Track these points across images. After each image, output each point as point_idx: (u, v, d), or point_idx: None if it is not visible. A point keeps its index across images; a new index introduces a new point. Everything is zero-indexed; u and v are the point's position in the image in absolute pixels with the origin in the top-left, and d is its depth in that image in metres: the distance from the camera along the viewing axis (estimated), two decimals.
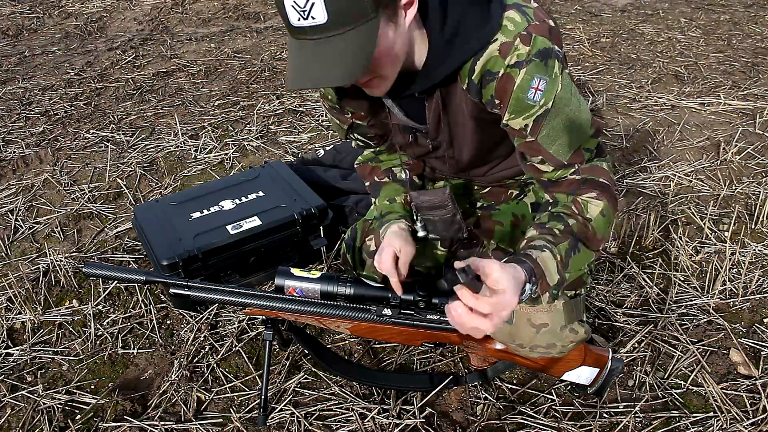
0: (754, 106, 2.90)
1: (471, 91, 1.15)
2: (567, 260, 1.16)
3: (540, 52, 1.08)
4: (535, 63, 1.07)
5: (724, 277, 1.84)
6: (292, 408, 1.50)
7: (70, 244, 2.18)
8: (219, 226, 1.86)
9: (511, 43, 1.08)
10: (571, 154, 1.17)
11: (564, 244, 1.16)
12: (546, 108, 1.11)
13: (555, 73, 1.09)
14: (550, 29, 1.10)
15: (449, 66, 1.12)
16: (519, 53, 1.08)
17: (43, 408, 1.54)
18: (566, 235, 1.17)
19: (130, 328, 1.80)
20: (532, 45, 1.08)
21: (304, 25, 0.99)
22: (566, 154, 1.17)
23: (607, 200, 1.19)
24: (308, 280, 1.31)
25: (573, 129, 1.14)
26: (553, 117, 1.12)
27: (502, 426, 1.46)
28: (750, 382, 1.54)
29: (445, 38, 1.10)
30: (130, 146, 2.80)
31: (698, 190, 2.32)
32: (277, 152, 2.71)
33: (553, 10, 4.41)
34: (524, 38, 1.08)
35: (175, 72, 3.62)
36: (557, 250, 1.14)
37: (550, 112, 1.11)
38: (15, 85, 3.50)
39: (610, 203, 1.20)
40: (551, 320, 1.27)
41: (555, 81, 1.09)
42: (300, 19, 0.98)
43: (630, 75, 3.32)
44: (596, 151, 1.21)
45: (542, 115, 1.11)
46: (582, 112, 1.15)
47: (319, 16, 0.97)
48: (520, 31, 1.08)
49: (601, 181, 1.19)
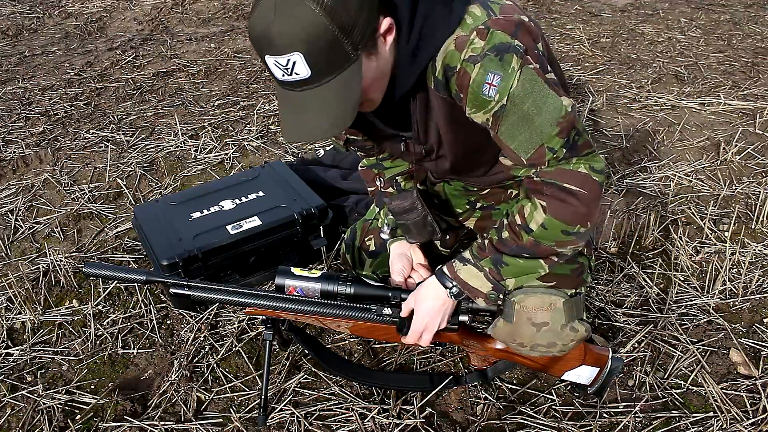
0: (754, 106, 2.90)
1: (439, 89, 1.13)
2: (498, 269, 1.21)
3: (496, 47, 1.05)
4: (490, 58, 1.04)
5: (724, 277, 1.84)
6: (292, 408, 1.49)
7: (70, 244, 2.18)
8: (219, 226, 1.86)
9: (467, 36, 1.06)
10: (533, 153, 1.12)
11: (487, 260, 1.22)
12: (501, 104, 1.07)
13: (512, 69, 1.05)
14: (517, 24, 1.07)
15: (418, 65, 1.11)
16: (474, 47, 1.06)
17: (43, 408, 1.54)
18: (491, 249, 1.22)
19: (130, 328, 1.80)
20: (488, 39, 1.05)
21: (290, 80, 1.02)
22: (527, 152, 1.12)
23: (560, 212, 1.13)
24: (308, 279, 1.31)
25: (533, 126, 1.09)
26: (511, 113, 1.08)
27: (502, 426, 1.46)
28: (750, 382, 1.54)
29: (413, 42, 1.09)
30: (130, 146, 2.80)
31: (698, 190, 2.32)
32: (277, 152, 2.71)
33: (553, 10, 4.41)
34: (481, 32, 1.06)
35: (175, 72, 3.62)
36: (482, 264, 1.23)
37: (506, 108, 1.08)
38: (15, 85, 3.50)
39: (564, 215, 1.13)
40: (551, 319, 1.27)
41: (510, 77, 1.05)
42: (284, 75, 1.01)
43: (630, 75, 3.32)
44: (566, 152, 1.11)
45: (498, 111, 1.09)
46: (545, 110, 1.08)
47: (302, 71, 0.99)
48: (478, 25, 1.06)
49: (566, 186, 1.12)
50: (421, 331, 1.30)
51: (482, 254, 1.23)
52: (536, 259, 1.20)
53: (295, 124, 1.06)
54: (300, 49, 0.97)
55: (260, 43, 0.99)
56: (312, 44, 0.97)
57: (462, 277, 1.25)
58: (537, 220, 1.15)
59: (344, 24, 0.97)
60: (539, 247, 1.18)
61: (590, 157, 1.13)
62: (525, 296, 1.28)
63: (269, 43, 0.98)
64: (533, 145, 1.11)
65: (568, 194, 1.12)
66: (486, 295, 1.25)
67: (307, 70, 0.99)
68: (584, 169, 1.12)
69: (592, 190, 1.12)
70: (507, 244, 1.20)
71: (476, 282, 1.24)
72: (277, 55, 0.98)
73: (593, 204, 1.14)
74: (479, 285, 1.24)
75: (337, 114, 1.05)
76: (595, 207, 1.15)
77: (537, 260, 1.20)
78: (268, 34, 0.97)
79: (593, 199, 1.13)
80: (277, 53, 0.98)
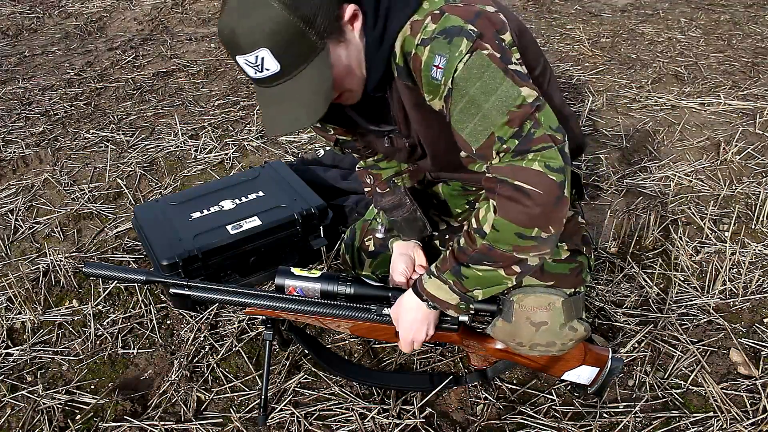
0: (754, 106, 2.90)
1: (402, 76, 1.13)
2: (461, 281, 1.16)
3: (446, 30, 1.03)
4: (438, 40, 1.04)
5: (724, 277, 1.84)
6: (292, 408, 1.49)
7: (70, 244, 2.18)
8: (219, 226, 1.86)
9: (421, 21, 1.07)
10: (483, 142, 1.06)
11: (448, 272, 1.17)
12: (448, 87, 1.05)
13: (459, 52, 1.02)
14: (477, 13, 1.05)
15: (383, 52, 1.12)
16: (426, 30, 1.05)
17: (43, 408, 1.54)
18: (451, 260, 1.17)
19: (130, 328, 1.80)
20: (440, 23, 1.05)
21: (262, 76, 1.05)
22: (477, 141, 1.07)
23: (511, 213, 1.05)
24: (308, 279, 1.31)
25: (481, 112, 1.04)
26: (457, 97, 1.05)
27: (502, 426, 1.46)
28: (750, 382, 1.54)
29: (379, 28, 1.10)
30: (130, 146, 2.80)
31: (698, 190, 2.32)
32: (277, 152, 2.71)
33: (553, 10, 4.41)
34: (435, 17, 1.06)
35: (175, 72, 3.62)
36: (445, 277, 1.18)
37: (453, 92, 1.05)
38: (15, 85, 3.50)
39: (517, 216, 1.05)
40: (550, 319, 1.27)
41: (456, 59, 1.02)
42: (257, 73, 1.04)
43: (630, 75, 3.32)
44: (519, 143, 1.04)
45: (447, 95, 1.07)
46: (495, 97, 1.03)
47: (271, 66, 1.02)
48: (434, 10, 1.07)
49: (518, 185, 1.03)
50: (409, 340, 1.31)
51: (444, 266, 1.18)
52: (496, 270, 1.12)
53: (274, 118, 1.09)
54: (265, 44, 1.00)
55: (229, 45, 1.03)
56: (276, 38, 0.99)
57: (429, 290, 1.22)
58: (489, 221, 1.08)
59: (305, 15, 1.00)
60: (494, 253, 1.09)
61: (546, 153, 1.03)
62: (524, 296, 1.28)
63: (236, 43, 1.01)
64: (483, 134, 1.05)
65: (520, 193, 1.03)
66: (456, 307, 1.22)
67: (276, 65, 1.02)
68: (539, 167, 1.02)
69: (547, 189, 1.03)
70: (465, 252, 1.13)
71: (443, 294, 1.20)
72: (245, 53, 1.02)
73: (550, 205, 1.04)
74: (447, 297, 1.20)
75: (312, 103, 1.06)
76: (553, 209, 1.05)
77: (497, 271, 1.12)
78: (234, 35, 1.00)
79: (549, 199, 1.03)
80: (245, 52, 1.01)
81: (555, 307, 1.27)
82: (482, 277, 1.14)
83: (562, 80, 3.27)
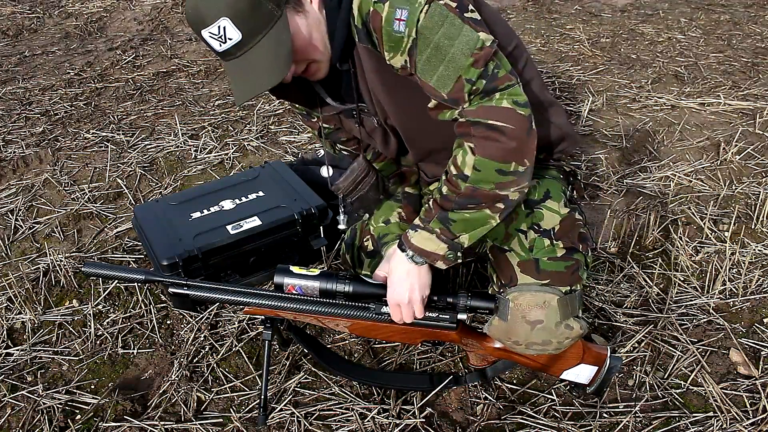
0: (754, 106, 2.90)
1: (362, 39, 1.17)
2: (448, 227, 1.20)
3: None
4: None
5: (724, 277, 1.84)
6: (292, 408, 1.50)
7: (70, 244, 2.18)
8: (219, 226, 1.86)
9: None
10: (451, 86, 1.12)
11: (435, 220, 1.21)
12: (412, 38, 1.10)
13: (419, 3, 1.09)
14: None
15: (342, 24, 1.17)
16: None
17: (43, 408, 1.54)
18: (436, 209, 1.21)
19: (130, 328, 1.80)
20: None
21: (227, 47, 1.11)
22: (446, 86, 1.12)
23: (488, 150, 1.12)
24: (307, 277, 1.31)
25: (447, 58, 1.10)
26: (422, 46, 1.10)
27: (502, 426, 1.46)
28: (750, 382, 1.54)
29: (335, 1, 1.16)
30: (130, 146, 2.80)
31: (698, 190, 2.32)
32: (277, 152, 2.71)
33: (553, 10, 4.41)
34: None
35: (175, 72, 3.62)
36: (431, 226, 1.22)
37: (418, 42, 1.10)
38: (15, 85, 3.50)
39: (494, 152, 1.12)
40: (545, 317, 1.27)
41: (417, 10, 1.09)
42: (221, 45, 1.11)
43: (630, 75, 3.32)
44: (486, 83, 1.11)
45: (412, 46, 1.11)
46: (457, 41, 1.09)
47: (234, 35, 1.09)
48: None
49: (491, 123, 1.11)
50: (396, 302, 1.28)
51: (429, 216, 1.22)
52: (482, 210, 1.18)
53: (239, 87, 1.15)
54: (226, 13, 1.07)
55: (195, 21, 1.10)
56: (235, 7, 1.07)
57: (416, 243, 1.24)
58: (469, 163, 1.14)
59: None
60: (479, 193, 1.16)
61: (512, 91, 1.12)
62: (519, 294, 1.28)
63: (200, 17, 1.08)
64: (451, 79, 1.11)
65: (494, 131, 1.11)
66: (444, 257, 1.23)
67: (237, 33, 1.08)
68: (508, 104, 1.11)
69: (519, 123, 1.11)
70: (449, 199, 1.18)
71: (431, 246, 1.23)
72: (208, 26, 1.08)
73: (523, 138, 1.13)
74: (434, 248, 1.23)
75: (274, 66, 1.12)
76: (525, 141, 1.14)
77: (483, 211, 1.19)
78: (197, 10, 1.08)
79: (522, 133, 1.12)
80: (208, 24, 1.08)
81: (550, 305, 1.28)
82: (469, 219, 1.19)
83: (562, 80, 3.27)
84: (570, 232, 1.37)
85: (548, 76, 3.32)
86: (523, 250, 1.33)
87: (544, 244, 1.33)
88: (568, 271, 1.32)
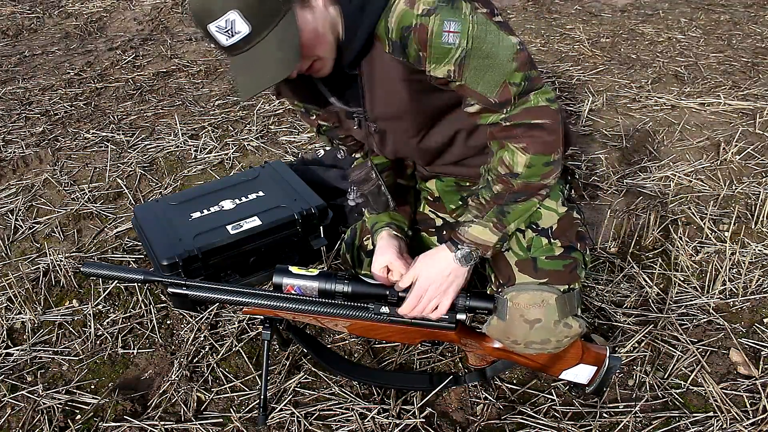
0: (754, 106, 2.90)
1: (395, 51, 1.18)
2: (501, 219, 1.27)
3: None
4: (443, 7, 1.10)
5: (724, 277, 1.84)
6: (292, 408, 1.50)
7: (70, 244, 2.18)
8: (219, 226, 1.86)
9: None
10: (499, 90, 1.17)
11: (491, 212, 1.27)
12: (463, 48, 1.13)
13: (464, 14, 1.11)
14: None
15: (364, 31, 1.16)
16: (426, 1, 1.11)
17: (43, 408, 1.54)
18: (491, 203, 1.27)
19: (130, 328, 1.80)
20: None
21: (234, 41, 1.09)
22: (493, 90, 1.17)
23: (537, 147, 1.20)
24: (306, 277, 1.31)
25: (494, 65, 1.15)
26: (473, 56, 1.14)
27: (502, 426, 1.46)
28: (750, 382, 1.54)
29: (355, 5, 1.16)
30: (130, 146, 2.80)
31: (698, 190, 2.32)
32: (277, 152, 2.71)
33: (553, 10, 4.41)
34: None
35: (175, 72, 3.62)
36: (487, 217, 1.27)
37: (468, 53, 1.13)
38: (15, 85, 3.50)
39: (541, 148, 1.21)
40: (544, 316, 1.28)
41: (466, 21, 1.11)
42: (228, 38, 1.08)
43: (630, 75, 3.32)
44: (526, 84, 1.18)
45: (463, 56, 1.14)
46: (501, 48, 1.15)
47: (242, 28, 1.07)
48: None
49: (534, 122, 1.19)
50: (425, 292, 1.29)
51: (483, 211, 1.27)
52: (531, 199, 1.27)
53: (246, 81, 1.13)
54: (235, 6, 1.05)
55: (200, 14, 1.07)
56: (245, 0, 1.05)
57: (474, 233, 1.28)
58: (520, 162, 1.20)
59: None
60: (530, 186, 1.24)
61: (544, 90, 1.20)
62: (517, 293, 1.29)
63: (207, 10, 1.06)
64: (498, 84, 1.16)
65: (538, 129, 1.19)
66: (493, 247, 1.29)
67: (246, 26, 1.07)
68: (543, 102, 1.19)
69: (553, 118, 1.20)
70: (502, 196, 1.25)
71: (486, 236, 1.28)
72: (216, 19, 1.06)
73: (558, 130, 1.22)
74: (488, 238, 1.28)
75: (282, 60, 1.11)
76: (559, 132, 1.23)
77: (531, 200, 1.27)
78: (204, 3, 1.06)
79: (557, 126, 1.21)
80: (216, 17, 1.06)
81: (548, 304, 1.28)
82: (521, 210, 1.27)
83: (562, 80, 3.27)
84: (568, 230, 1.37)
85: (548, 76, 3.32)
86: (521, 249, 1.33)
87: (542, 243, 1.33)
88: (566, 269, 1.32)
